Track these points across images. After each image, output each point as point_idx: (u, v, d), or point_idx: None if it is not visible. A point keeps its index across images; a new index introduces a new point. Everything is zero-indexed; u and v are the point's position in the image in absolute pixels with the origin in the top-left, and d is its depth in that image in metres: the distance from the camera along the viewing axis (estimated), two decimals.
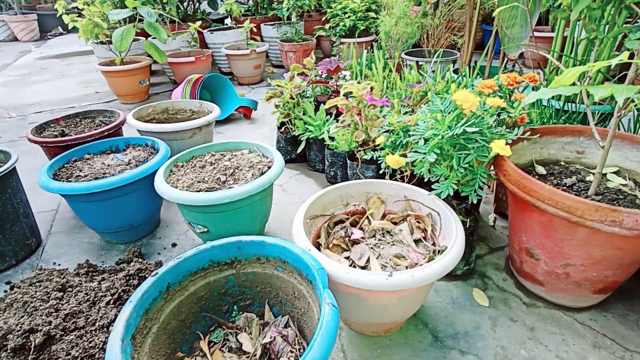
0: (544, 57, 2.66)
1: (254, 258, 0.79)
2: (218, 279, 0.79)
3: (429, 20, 2.38)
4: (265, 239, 0.78)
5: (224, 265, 0.79)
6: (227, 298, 0.82)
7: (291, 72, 1.64)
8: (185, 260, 0.74)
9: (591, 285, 0.90)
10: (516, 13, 1.33)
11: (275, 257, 0.78)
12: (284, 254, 0.76)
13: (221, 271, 0.80)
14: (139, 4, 2.37)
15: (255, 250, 0.79)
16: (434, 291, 1.04)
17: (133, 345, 0.61)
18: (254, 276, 0.81)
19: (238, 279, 0.81)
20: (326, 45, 3.62)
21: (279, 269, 0.79)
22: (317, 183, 1.61)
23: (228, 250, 0.78)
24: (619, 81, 1.25)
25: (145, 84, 2.71)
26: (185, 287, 0.76)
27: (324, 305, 0.60)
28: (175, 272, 0.73)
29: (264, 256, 0.79)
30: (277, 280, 0.80)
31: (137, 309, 0.64)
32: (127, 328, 0.60)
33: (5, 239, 1.17)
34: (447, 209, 0.88)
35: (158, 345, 0.69)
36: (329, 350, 0.53)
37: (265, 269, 0.80)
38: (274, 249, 0.77)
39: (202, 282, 0.78)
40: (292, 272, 0.77)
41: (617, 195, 0.91)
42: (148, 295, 0.67)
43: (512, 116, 1.01)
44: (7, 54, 4.76)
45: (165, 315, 0.72)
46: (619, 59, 0.60)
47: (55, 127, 1.60)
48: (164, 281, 0.71)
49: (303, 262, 0.71)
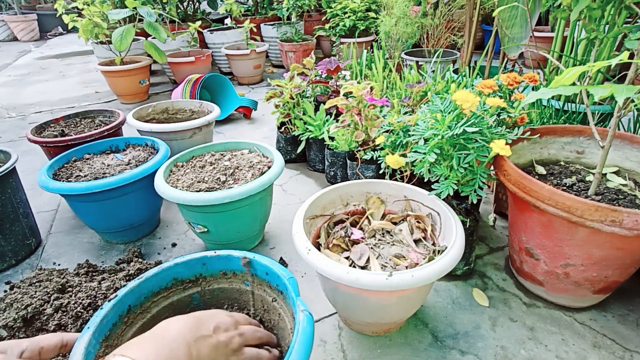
0: (543, 57, 2.65)
1: (220, 274, 0.75)
2: (182, 298, 0.74)
3: (429, 20, 2.38)
4: (232, 252, 0.73)
5: (188, 283, 0.74)
6: None
7: (291, 72, 1.64)
8: (147, 280, 0.69)
9: (591, 285, 0.90)
10: (516, 13, 1.33)
11: (242, 271, 0.74)
12: (252, 267, 0.72)
13: (185, 289, 0.74)
14: (139, 3, 2.37)
15: (222, 266, 0.74)
16: (434, 291, 1.04)
17: None
18: (220, 292, 0.76)
19: (203, 296, 0.76)
20: (326, 45, 3.63)
21: (247, 282, 0.74)
22: (317, 183, 1.61)
23: (193, 267, 0.74)
24: (619, 81, 1.25)
25: (145, 84, 2.71)
26: (147, 310, 0.70)
27: (298, 313, 0.58)
28: (137, 293, 0.68)
29: (230, 271, 0.74)
30: (244, 294, 0.76)
31: (95, 335, 0.59)
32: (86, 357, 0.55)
33: (5, 239, 1.17)
34: (447, 209, 0.88)
35: None
36: (307, 356, 0.52)
37: (232, 284, 0.76)
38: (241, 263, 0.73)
39: (164, 303, 0.72)
40: (261, 285, 0.73)
41: (617, 195, 0.91)
42: (107, 320, 0.62)
43: (512, 116, 1.01)
44: (7, 54, 4.76)
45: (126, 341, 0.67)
46: (619, 59, 0.60)
47: (55, 127, 1.59)
48: (124, 304, 0.65)
49: (273, 273, 0.68)
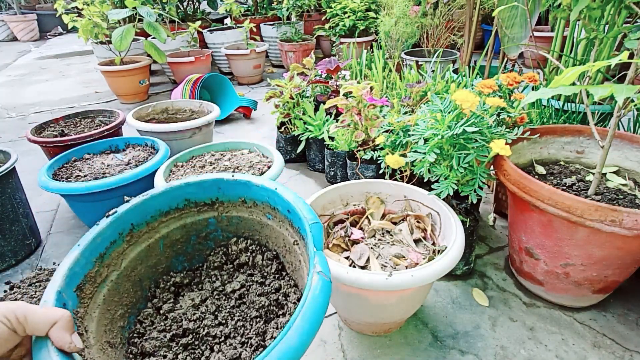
0: (543, 57, 2.65)
1: (239, 201, 0.68)
2: (196, 222, 0.69)
3: (429, 20, 2.38)
4: (251, 179, 0.66)
5: (203, 206, 0.69)
6: (209, 243, 0.72)
7: (291, 72, 1.64)
8: (153, 197, 0.63)
9: (591, 285, 0.90)
10: (516, 13, 1.33)
11: (264, 202, 0.66)
12: (274, 199, 0.64)
13: (200, 212, 0.69)
14: (139, 3, 2.36)
15: (241, 192, 0.68)
16: (434, 291, 1.04)
17: (79, 298, 0.52)
18: (239, 221, 0.70)
19: (220, 222, 0.70)
20: (326, 45, 3.62)
21: (268, 215, 0.67)
22: (317, 183, 1.61)
23: (207, 190, 0.68)
24: (619, 81, 1.25)
25: (145, 84, 2.71)
26: (155, 229, 0.65)
27: (313, 274, 0.46)
28: (141, 211, 0.63)
29: (250, 199, 0.68)
30: (265, 228, 0.69)
31: (86, 254, 0.54)
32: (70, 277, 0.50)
33: (4, 239, 1.17)
34: (447, 208, 0.88)
35: (119, 294, 0.60)
36: (311, 336, 0.41)
37: (252, 215, 0.69)
38: (262, 192, 0.66)
39: (176, 224, 0.68)
40: (283, 222, 0.65)
41: (617, 195, 0.91)
42: (103, 238, 0.57)
43: (511, 116, 1.01)
44: (6, 54, 4.76)
45: (128, 261, 0.62)
46: (618, 58, 0.60)
47: (54, 127, 1.59)
48: (125, 222, 0.61)
49: (295, 213, 0.59)
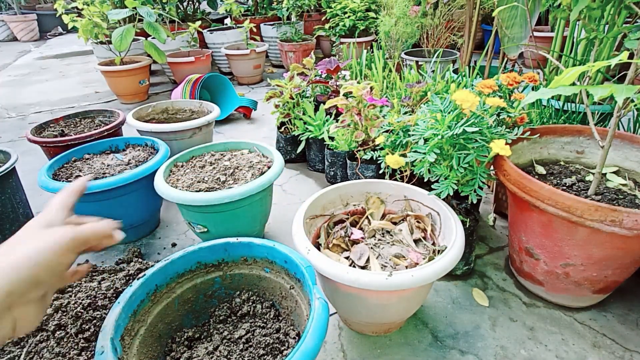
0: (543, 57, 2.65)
1: (241, 259, 0.79)
2: (205, 281, 0.79)
3: (429, 20, 2.38)
4: (253, 240, 0.77)
5: (211, 267, 0.79)
6: (214, 300, 0.82)
7: (291, 72, 1.64)
8: (174, 262, 0.74)
9: (591, 285, 0.90)
10: (516, 13, 1.33)
11: (263, 258, 0.78)
12: (272, 254, 0.76)
13: (208, 273, 0.79)
14: (139, 3, 2.36)
15: (243, 252, 0.79)
16: (434, 291, 1.04)
17: (122, 346, 0.61)
18: (240, 277, 0.81)
19: (225, 280, 0.81)
20: (326, 45, 3.62)
21: (266, 269, 0.79)
22: (317, 183, 1.61)
23: (216, 252, 0.78)
24: (619, 81, 1.25)
25: (145, 84, 2.71)
26: (172, 290, 0.75)
27: (314, 300, 0.61)
28: (163, 273, 0.73)
29: (251, 257, 0.79)
30: (264, 281, 0.80)
31: (125, 310, 0.64)
32: (116, 328, 0.60)
33: (4, 239, 1.16)
34: (447, 208, 0.88)
35: (146, 347, 0.69)
36: (321, 341, 0.56)
37: (252, 270, 0.80)
38: (262, 250, 0.77)
39: (188, 284, 0.77)
40: (280, 272, 0.77)
41: (617, 195, 0.91)
42: (136, 297, 0.67)
43: (511, 116, 1.01)
44: (6, 54, 4.76)
45: (152, 318, 0.71)
46: (618, 58, 0.60)
47: (54, 127, 1.59)
48: (151, 283, 0.71)
49: (292, 261, 0.72)
